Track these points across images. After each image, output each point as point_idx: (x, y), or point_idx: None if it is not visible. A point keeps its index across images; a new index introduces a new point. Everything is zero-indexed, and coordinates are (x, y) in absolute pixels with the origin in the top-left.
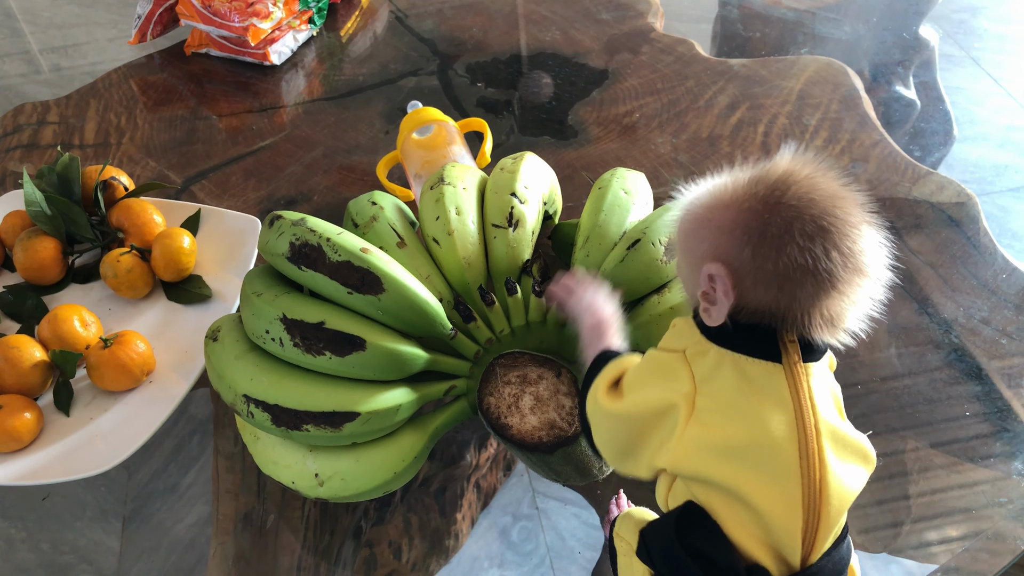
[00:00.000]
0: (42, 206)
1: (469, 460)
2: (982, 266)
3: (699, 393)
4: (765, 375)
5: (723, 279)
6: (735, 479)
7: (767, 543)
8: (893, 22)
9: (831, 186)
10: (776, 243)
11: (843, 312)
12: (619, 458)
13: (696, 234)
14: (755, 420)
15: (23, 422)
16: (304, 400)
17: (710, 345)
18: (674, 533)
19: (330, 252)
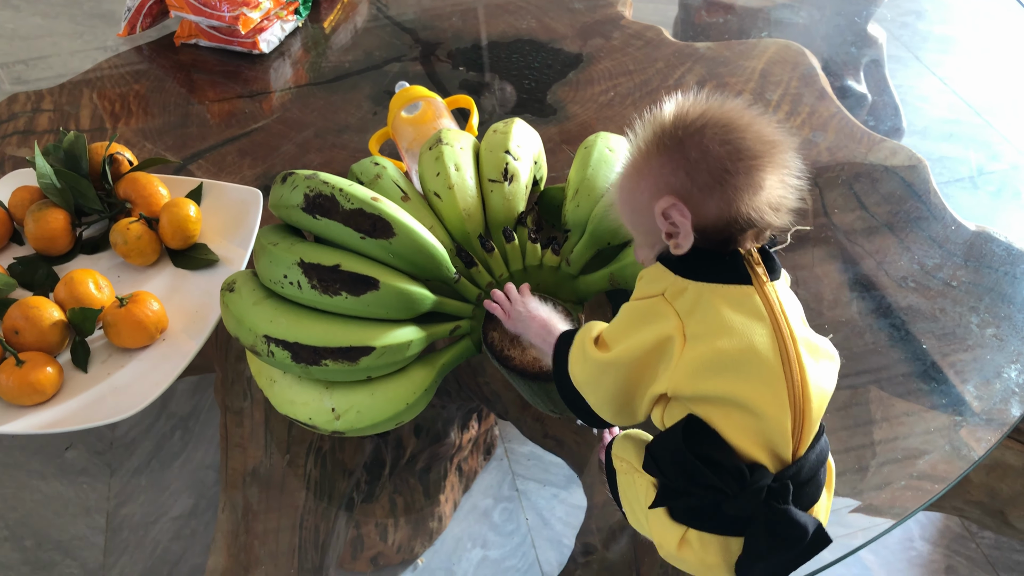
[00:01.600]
0: (52, 179)
1: (453, 439)
2: (932, 222)
3: (687, 324)
4: (741, 297)
5: (676, 206)
6: (732, 388)
7: (763, 443)
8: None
9: (729, 103)
10: (700, 152)
11: (781, 195)
12: (619, 409)
13: (637, 188)
14: (741, 335)
15: (46, 376)
16: (323, 337)
17: (687, 282)
18: (682, 442)
19: (343, 201)
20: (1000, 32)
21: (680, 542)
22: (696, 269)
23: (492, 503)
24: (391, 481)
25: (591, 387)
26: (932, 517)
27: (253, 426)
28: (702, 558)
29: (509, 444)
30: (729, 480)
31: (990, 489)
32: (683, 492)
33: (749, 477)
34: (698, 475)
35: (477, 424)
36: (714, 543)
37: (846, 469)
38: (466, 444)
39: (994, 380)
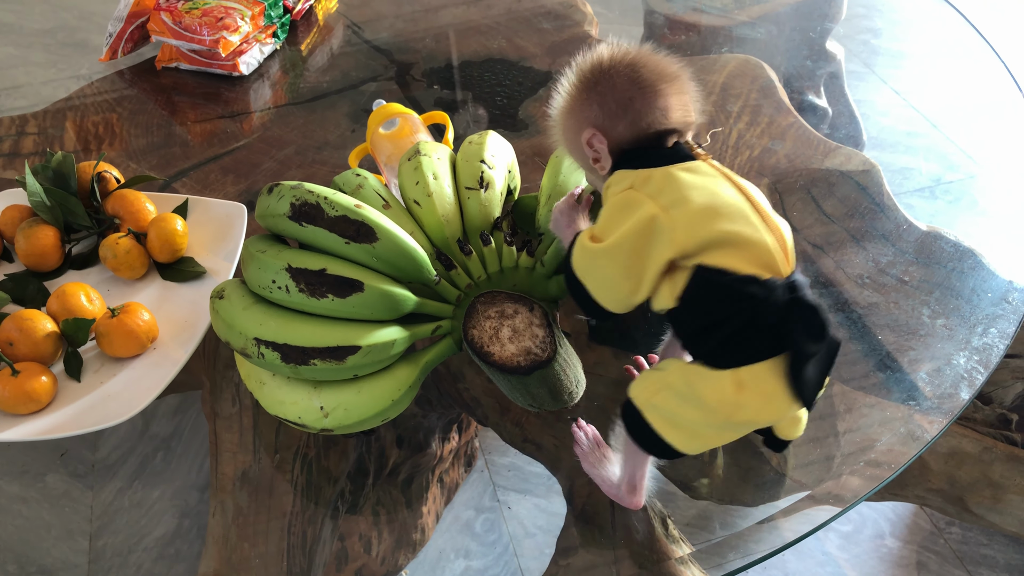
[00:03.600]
0: (42, 197)
1: (434, 450)
2: (885, 223)
3: (660, 200)
4: (694, 167)
5: (595, 135)
6: (723, 227)
7: (762, 265)
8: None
9: (640, 49)
10: (608, 87)
11: (682, 110)
12: (624, 292)
13: (568, 125)
14: (712, 192)
15: (41, 384)
16: (310, 338)
17: (648, 171)
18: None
19: (328, 208)
20: (952, 48)
21: (736, 388)
22: (650, 159)
23: (474, 514)
24: (374, 491)
25: (594, 274)
26: (902, 514)
27: (242, 431)
28: (761, 390)
29: (489, 456)
30: (755, 287)
31: (949, 477)
32: (721, 321)
33: (766, 285)
34: (730, 295)
35: (458, 435)
36: (764, 370)
37: (812, 460)
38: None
39: (945, 368)
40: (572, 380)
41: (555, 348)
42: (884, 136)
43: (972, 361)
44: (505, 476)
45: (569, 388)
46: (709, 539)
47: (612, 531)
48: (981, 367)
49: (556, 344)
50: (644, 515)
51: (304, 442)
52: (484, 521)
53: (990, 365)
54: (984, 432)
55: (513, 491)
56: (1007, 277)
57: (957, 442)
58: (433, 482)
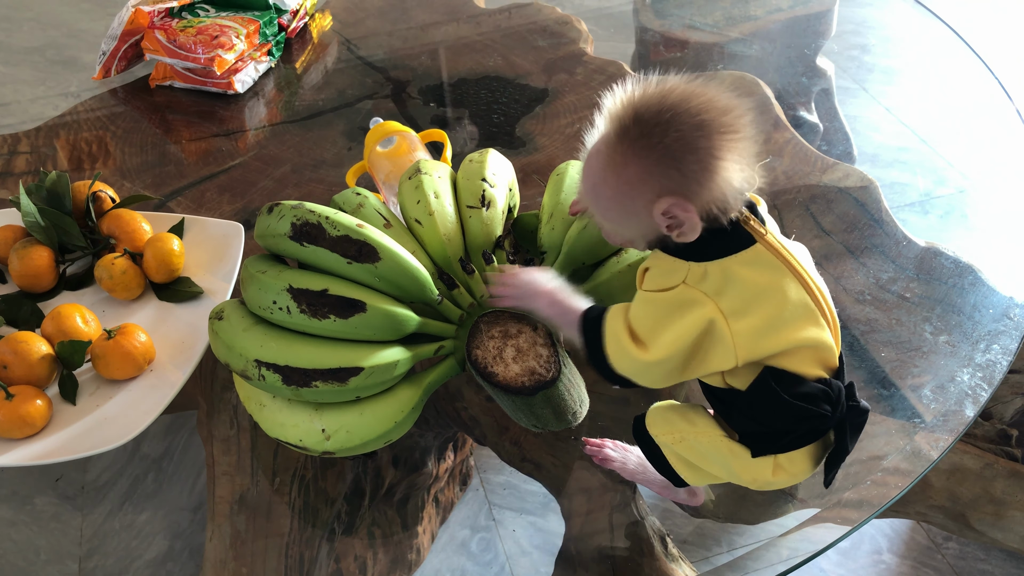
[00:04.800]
0: (36, 217)
1: (430, 469)
2: (885, 239)
3: (721, 303)
4: (755, 257)
5: (676, 203)
6: (791, 337)
7: (822, 364)
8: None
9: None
10: (679, 142)
11: (753, 153)
12: (672, 381)
13: (624, 196)
14: (776, 292)
15: (36, 408)
16: (312, 359)
17: (703, 265)
18: (779, 392)
19: (329, 228)
20: (941, 64)
21: (774, 471)
22: (707, 250)
23: (469, 533)
24: (370, 512)
25: (641, 377)
26: (899, 530)
27: (240, 453)
28: (794, 473)
29: (484, 474)
30: (823, 405)
31: (951, 493)
32: (784, 431)
33: (833, 395)
34: (803, 413)
35: (453, 454)
36: (799, 456)
37: (816, 486)
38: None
39: (948, 384)
40: (576, 400)
41: (559, 368)
42: (875, 151)
43: (976, 378)
44: (500, 494)
45: (573, 408)
46: (707, 556)
47: (611, 550)
48: (985, 384)
49: (560, 364)
50: (643, 534)
51: (302, 464)
52: (480, 540)
53: (994, 382)
54: (985, 448)
55: (508, 510)
56: (1007, 293)
57: (958, 458)
58: (429, 501)
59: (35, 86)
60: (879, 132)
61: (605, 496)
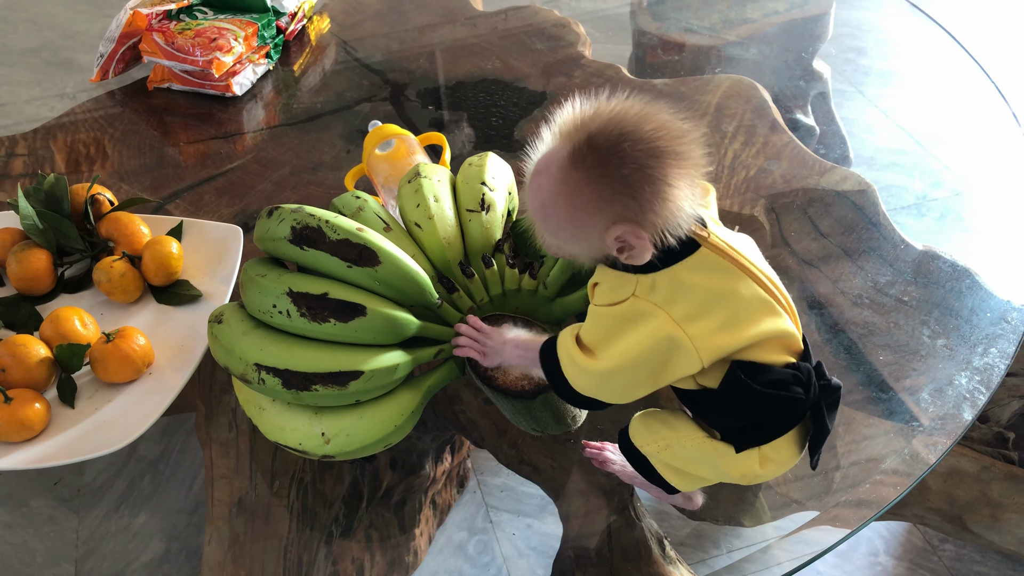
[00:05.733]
0: (35, 220)
1: (428, 472)
2: (882, 243)
3: (673, 311)
4: (701, 261)
5: (629, 231)
6: (752, 332)
7: (787, 350)
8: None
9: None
10: (632, 168)
11: (698, 186)
12: (638, 392)
13: (575, 218)
14: (728, 292)
15: (34, 412)
16: (312, 363)
17: (650, 276)
18: (750, 384)
19: (329, 232)
20: (937, 67)
21: (761, 463)
22: (653, 261)
23: (466, 536)
24: (367, 515)
25: (603, 391)
26: (896, 532)
27: (239, 456)
28: (781, 462)
29: (482, 476)
30: (795, 388)
31: (948, 496)
32: (762, 422)
33: (804, 378)
34: (777, 400)
35: (451, 456)
36: (783, 443)
37: (814, 482)
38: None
39: (946, 388)
40: None
41: None
42: (871, 154)
43: (974, 381)
44: (498, 497)
45: (572, 412)
46: (705, 559)
47: (608, 552)
48: (983, 387)
49: None
50: (641, 536)
51: (300, 467)
52: (477, 543)
53: (991, 385)
54: (982, 451)
55: (506, 512)
56: (1004, 297)
57: (956, 461)
58: (426, 504)
59: (31, 87)
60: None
61: (603, 499)
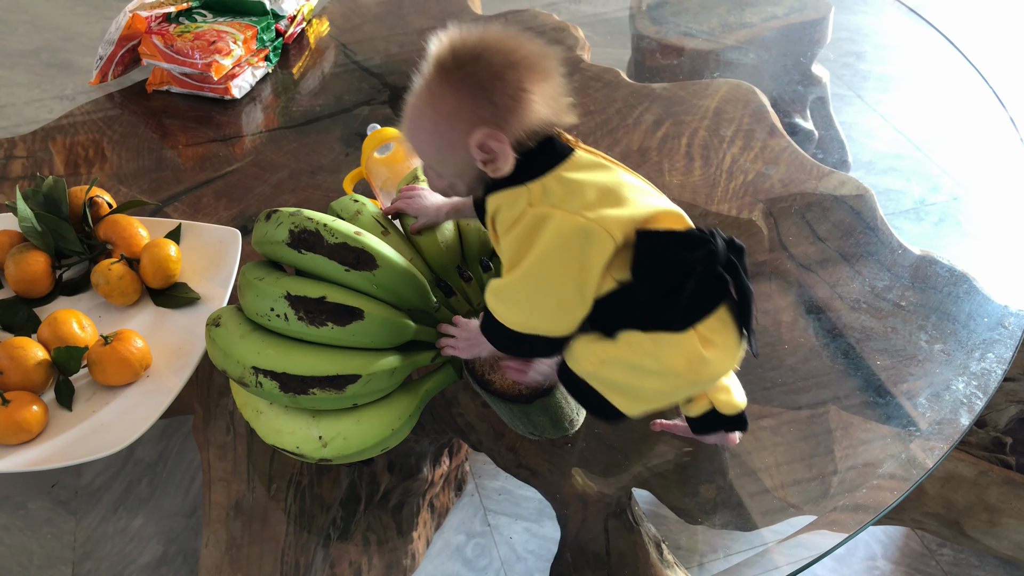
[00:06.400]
0: (33, 223)
1: (426, 475)
2: (880, 247)
3: (569, 207)
4: (579, 162)
5: (490, 134)
6: (652, 202)
7: (679, 222)
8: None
9: (493, 29)
10: (491, 75)
11: (562, 90)
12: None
13: (441, 130)
14: (615, 182)
15: (31, 414)
16: (310, 367)
17: (539, 182)
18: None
19: (328, 235)
20: (935, 71)
21: (704, 344)
22: (537, 168)
23: (464, 539)
24: (365, 517)
25: (534, 317)
26: (893, 536)
27: (236, 459)
28: (724, 343)
29: (480, 479)
30: (701, 237)
31: (946, 501)
32: (680, 280)
33: (702, 233)
34: (687, 245)
35: (448, 459)
36: (718, 321)
37: (812, 487)
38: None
39: (944, 393)
40: (573, 408)
41: None
42: (869, 158)
43: (971, 387)
44: (495, 500)
45: (570, 416)
46: (702, 563)
47: (607, 556)
48: (980, 392)
49: None
50: (639, 540)
51: (298, 470)
52: (475, 546)
53: (989, 390)
54: (979, 456)
55: (504, 515)
56: (1002, 302)
57: (953, 466)
58: (424, 507)
59: (30, 89)
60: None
61: (601, 502)
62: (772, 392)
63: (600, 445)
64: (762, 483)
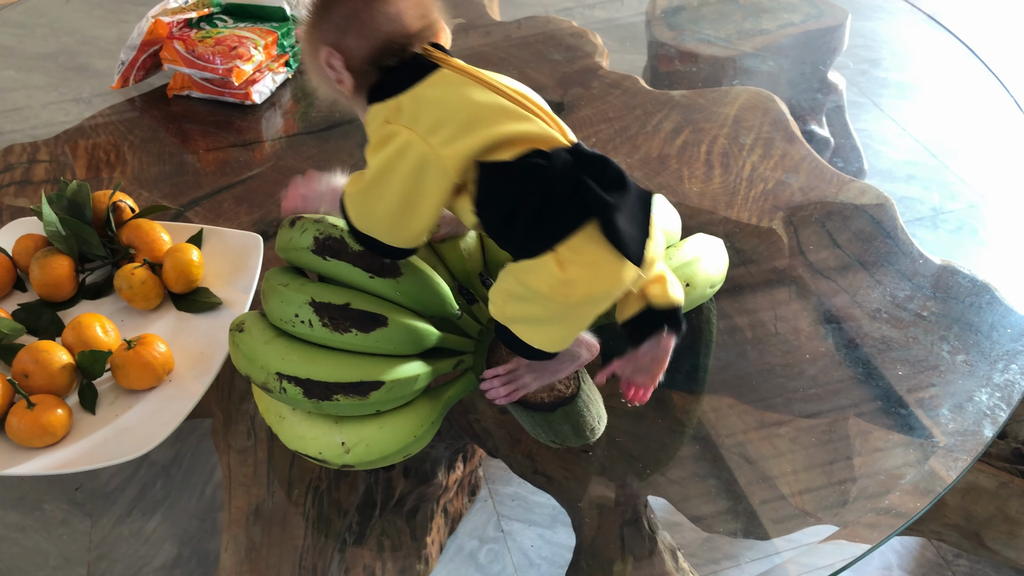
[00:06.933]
0: (57, 227)
1: (440, 479)
2: (901, 257)
3: (418, 127)
4: (441, 80)
5: (330, 54)
6: (493, 132)
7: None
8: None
9: None
10: (334, 3)
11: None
12: (406, 226)
13: (308, 52)
14: (464, 101)
15: (56, 417)
16: (334, 373)
17: (396, 100)
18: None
19: (352, 242)
20: (953, 79)
21: (560, 267)
22: (394, 85)
23: (477, 544)
24: (380, 522)
25: (370, 221)
26: (909, 546)
27: (256, 464)
28: (585, 261)
29: (493, 485)
30: (538, 158)
31: (966, 512)
32: (521, 197)
33: (551, 154)
34: (516, 170)
35: (463, 465)
36: (580, 241)
37: (830, 502)
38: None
39: (966, 404)
40: (595, 416)
41: (579, 384)
42: (885, 166)
43: (994, 398)
44: (509, 506)
45: (592, 424)
46: (717, 571)
47: (621, 564)
48: (1003, 403)
49: (579, 380)
50: (654, 548)
51: (316, 475)
52: (488, 551)
53: (1012, 401)
54: (1000, 467)
55: (517, 521)
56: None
57: (973, 477)
58: (438, 512)
59: (47, 91)
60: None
61: (616, 510)
62: (792, 401)
63: (618, 453)
64: (778, 490)
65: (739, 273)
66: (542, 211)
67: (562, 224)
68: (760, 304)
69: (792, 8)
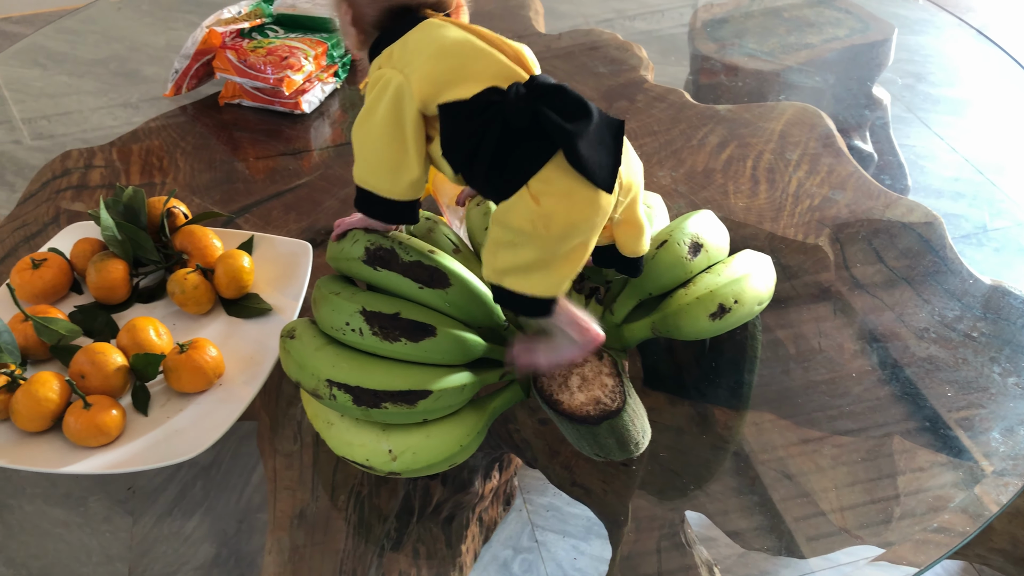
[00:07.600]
0: (114, 231)
1: (477, 488)
2: (950, 277)
3: (405, 69)
4: (425, 26)
5: (344, 8)
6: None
7: (504, 79)
8: (855, 83)
9: None
10: None
11: None
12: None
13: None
14: (436, 37)
15: (111, 418)
16: (383, 381)
17: (389, 48)
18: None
19: (402, 253)
20: (1000, 94)
21: (534, 200)
22: (390, 39)
23: (512, 554)
24: (417, 529)
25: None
26: (951, 570)
27: (302, 469)
28: (556, 191)
29: (528, 495)
30: (492, 95)
31: (1012, 537)
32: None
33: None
34: (471, 109)
35: (499, 474)
36: (549, 172)
37: (872, 520)
38: (488, 494)
39: (1018, 428)
40: (639, 430)
41: (624, 398)
42: (930, 182)
43: None
44: (543, 516)
45: (636, 438)
46: None
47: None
48: None
49: (625, 394)
50: (691, 562)
51: (359, 480)
52: (522, 561)
53: None
54: None
55: (551, 532)
56: None
57: (1020, 501)
58: (473, 520)
59: (98, 97)
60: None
61: (654, 523)
62: (834, 418)
63: (659, 467)
64: (818, 507)
65: (784, 288)
66: (505, 147)
67: (529, 158)
68: (804, 320)
69: (837, 22)
